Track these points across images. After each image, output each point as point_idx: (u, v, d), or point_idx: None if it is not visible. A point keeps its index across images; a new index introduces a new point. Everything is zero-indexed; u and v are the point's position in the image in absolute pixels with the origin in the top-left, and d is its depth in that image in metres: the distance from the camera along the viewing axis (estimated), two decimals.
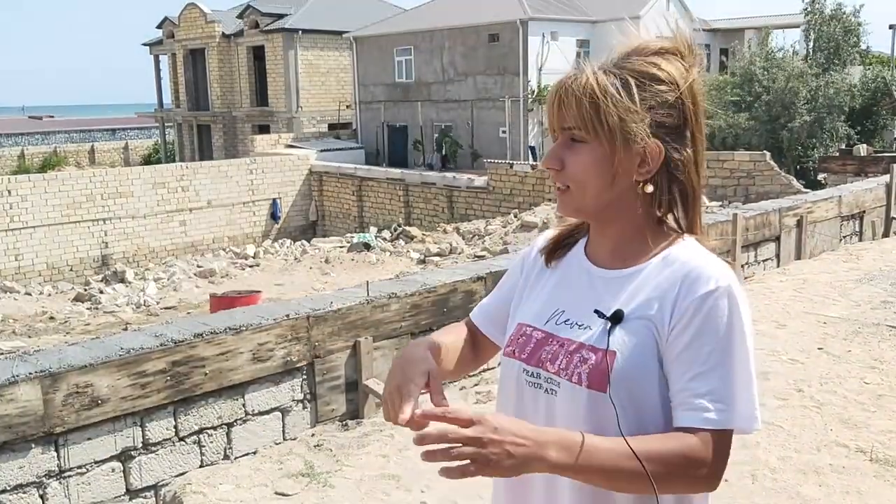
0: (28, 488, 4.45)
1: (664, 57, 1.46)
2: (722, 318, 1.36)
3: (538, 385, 1.50)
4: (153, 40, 44.70)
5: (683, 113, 1.45)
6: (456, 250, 17.91)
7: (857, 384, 5.42)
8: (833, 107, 23.90)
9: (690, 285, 1.39)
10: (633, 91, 1.41)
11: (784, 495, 3.99)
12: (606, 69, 1.45)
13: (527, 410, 1.51)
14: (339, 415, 5.80)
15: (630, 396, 1.39)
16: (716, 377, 1.35)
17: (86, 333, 12.87)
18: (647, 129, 1.41)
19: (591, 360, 1.41)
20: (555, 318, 1.52)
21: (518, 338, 1.56)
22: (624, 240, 1.49)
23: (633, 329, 1.41)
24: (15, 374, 4.33)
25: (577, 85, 1.43)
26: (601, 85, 1.41)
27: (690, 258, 1.43)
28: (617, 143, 1.41)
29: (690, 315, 1.37)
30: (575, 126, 1.44)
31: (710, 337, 1.36)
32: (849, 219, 12.00)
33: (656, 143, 1.42)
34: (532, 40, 30.01)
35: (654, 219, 1.48)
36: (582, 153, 1.44)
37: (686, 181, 1.46)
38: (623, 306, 1.43)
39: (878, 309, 7.24)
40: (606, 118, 1.40)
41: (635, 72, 1.43)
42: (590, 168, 1.44)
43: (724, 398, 1.34)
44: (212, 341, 5.07)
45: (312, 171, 30.64)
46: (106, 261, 25.23)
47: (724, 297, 1.37)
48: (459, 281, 6.60)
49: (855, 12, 27.08)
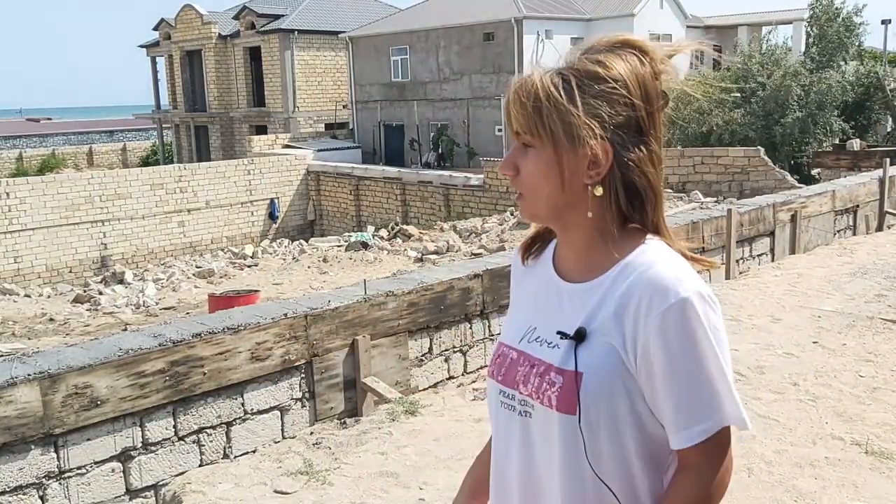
0: (28, 490, 4.46)
1: (616, 52, 1.40)
2: (687, 332, 1.32)
3: (512, 407, 1.48)
4: (150, 42, 44.70)
5: (635, 110, 1.38)
6: (453, 248, 17.92)
7: (852, 377, 5.45)
8: (825, 102, 23.92)
9: (650, 300, 1.34)
10: (574, 91, 1.36)
11: (780, 489, 4.02)
12: (557, 70, 1.40)
13: (500, 435, 1.52)
14: (337, 413, 5.83)
15: (602, 417, 1.37)
16: (694, 392, 1.34)
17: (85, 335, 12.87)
18: (593, 131, 1.35)
19: (560, 382, 1.39)
20: (527, 336, 1.50)
21: (497, 357, 1.55)
22: (585, 246, 1.45)
23: (597, 347, 1.38)
24: (14, 376, 4.35)
25: (523, 89, 1.40)
26: (544, 87, 1.37)
27: (650, 266, 1.37)
28: (560, 146, 1.37)
29: (653, 334, 1.33)
30: (521, 130, 1.41)
31: (680, 355, 1.33)
32: (843, 213, 12.04)
33: (603, 144, 1.36)
34: (527, 39, 30.05)
35: (613, 222, 1.42)
36: (532, 158, 1.41)
37: (641, 181, 1.40)
38: (585, 323, 1.40)
39: (872, 302, 7.27)
40: (548, 121, 1.36)
41: (579, 71, 1.38)
42: (539, 172, 1.40)
43: (709, 406, 1.35)
44: (210, 341, 5.09)
45: (310, 171, 30.67)
46: (105, 262, 25.23)
47: (685, 308, 1.32)
48: (456, 279, 6.63)
49: (857, 11, 27.12)
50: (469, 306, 6.72)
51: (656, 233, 1.44)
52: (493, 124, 31.44)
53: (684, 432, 1.35)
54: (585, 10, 32.34)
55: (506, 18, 30.36)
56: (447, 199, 25.90)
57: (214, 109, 40.89)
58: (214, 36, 40.16)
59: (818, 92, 23.91)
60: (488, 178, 24.70)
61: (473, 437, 4.81)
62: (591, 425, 1.37)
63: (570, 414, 1.37)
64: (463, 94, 32.48)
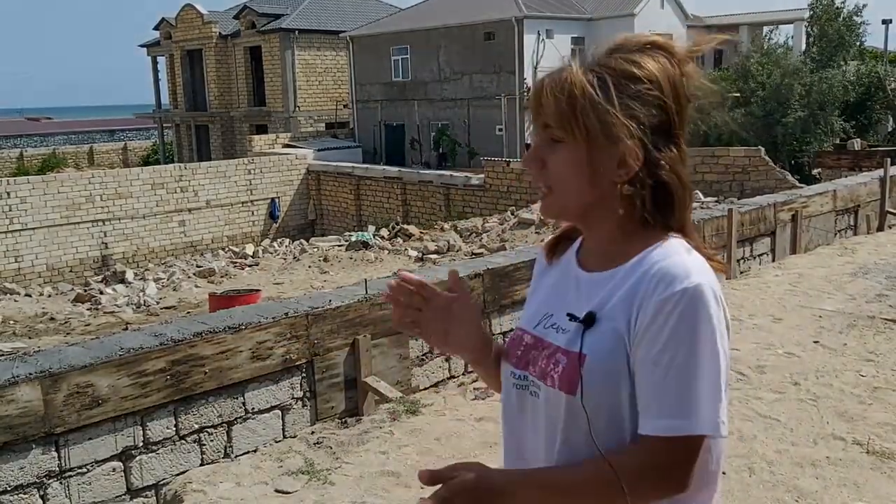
0: (29, 489, 4.46)
1: (648, 53, 1.41)
2: (685, 321, 1.32)
3: (524, 387, 1.50)
4: (150, 41, 44.72)
5: (666, 112, 1.40)
6: (454, 248, 17.91)
7: (853, 377, 5.45)
8: (827, 102, 23.92)
9: (654, 287, 1.35)
10: (611, 91, 1.37)
11: (781, 488, 4.02)
12: (588, 67, 1.40)
13: (514, 410, 1.54)
14: (338, 412, 5.82)
15: (602, 400, 1.38)
16: (676, 384, 1.32)
17: (86, 334, 12.88)
18: (629, 130, 1.37)
19: (563, 363, 1.41)
20: (543, 322, 1.52)
21: (512, 341, 1.58)
22: (608, 242, 1.46)
23: (603, 332, 1.39)
24: (15, 375, 4.35)
25: (555, 83, 1.40)
26: (579, 84, 1.37)
27: (663, 258, 1.38)
28: (594, 144, 1.38)
29: (650, 319, 1.34)
30: (553, 125, 1.41)
31: (672, 341, 1.32)
32: (843, 213, 12.02)
33: (635, 143, 1.37)
34: (527, 38, 30.07)
35: (637, 220, 1.43)
36: (561, 153, 1.41)
37: (670, 181, 1.41)
38: (597, 309, 1.41)
39: (873, 302, 7.27)
40: (583, 118, 1.37)
41: (615, 70, 1.39)
42: (570, 169, 1.41)
43: (684, 405, 1.32)
44: (211, 340, 5.09)
45: (310, 171, 30.68)
46: (106, 261, 25.24)
47: (688, 297, 1.32)
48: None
49: (858, 11, 27.12)
50: None
51: (681, 231, 1.45)
52: (493, 124, 31.44)
53: (651, 421, 1.34)
54: (586, 9, 32.36)
55: (506, 18, 30.37)
56: (448, 199, 25.90)
57: (215, 109, 40.91)
58: (215, 35, 40.19)
59: (819, 91, 23.90)
60: (489, 177, 24.70)
61: (474, 437, 4.82)
62: (591, 406, 1.37)
63: (570, 394, 1.39)
64: (463, 94, 32.48)
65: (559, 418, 1.42)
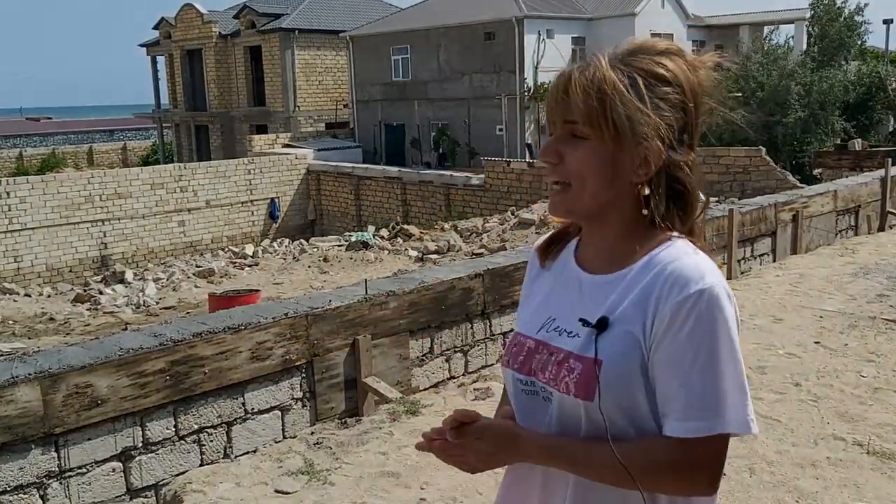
0: (28, 489, 4.46)
1: (669, 57, 1.42)
2: (703, 323, 1.32)
3: (534, 393, 1.49)
4: (150, 41, 44.69)
5: (686, 114, 1.42)
6: (454, 248, 17.90)
7: (854, 377, 5.44)
8: (827, 102, 23.90)
9: (670, 289, 1.34)
10: (642, 90, 1.37)
11: (782, 489, 4.01)
12: (614, 65, 1.40)
13: (525, 414, 1.52)
14: (338, 413, 5.82)
15: (619, 405, 1.37)
16: (701, 384, 1.32)
17: (86, 334, 12.87)
18: (658, 131, 1.37)
19: (578, 369, 1.39)
20: (546, 327, 1.51)
21: (512, 347, 1.56)
22: (613, 241, 1.46)
23: (617, 337, 1.38)
24: (15, 375, 4.34)
25: (585, 78, 1.38)
26: (610, 80, 1.37)
27: (674, 259, 1.38)
28: (620, 142, 1.37)
29: (668, 321, 1.34)
30: (579, 120, 1.39)
31: (692, 343, 1.32)
32: (844, 213, 12.02)
33: (658, 144, 1.38)
34: (528, 38, 30.08)
35: (645, 221, 1.43)
36: (583, 149, 1.40)
37: (685, 183, 1.43)
38: (608, 313, 1.40)
39: (874, 302, 7.26)
40: (613, 115, 1.36)
41: (643, 70, 1.39)
42: (591, 166, 1.40)
43: (711, 405, 1.32)
44: (211, 341, 5.09)
45: (310, 171, 30.67)
46: (105, 261, 25.24)
47: (705, 299, 1.32)
48: (457, 278, 6.62)
49: (858, 11, 27.11)
50: (470, 306, 6.71)
51: (690, 233, 1.46)
52: (493, 124, 31.44)
53: (676, 423, 1.34)
54: (586, 9, 32.36)
55: (507, 18, 30.37)
56: (448, 199, 25.90)
57: (215, 109, 40.89)
58: (215, 35, 40.17)
59: (820, 91, 23.89)
60: (489, 177, 24.70)
61: None
62: (609, 411, 1.37)
63: (588, 400, 1.38)
64: (464, 94, 32.48)
65: (578, 424, 1.41)
